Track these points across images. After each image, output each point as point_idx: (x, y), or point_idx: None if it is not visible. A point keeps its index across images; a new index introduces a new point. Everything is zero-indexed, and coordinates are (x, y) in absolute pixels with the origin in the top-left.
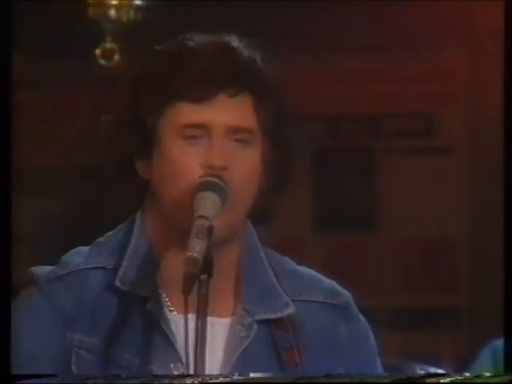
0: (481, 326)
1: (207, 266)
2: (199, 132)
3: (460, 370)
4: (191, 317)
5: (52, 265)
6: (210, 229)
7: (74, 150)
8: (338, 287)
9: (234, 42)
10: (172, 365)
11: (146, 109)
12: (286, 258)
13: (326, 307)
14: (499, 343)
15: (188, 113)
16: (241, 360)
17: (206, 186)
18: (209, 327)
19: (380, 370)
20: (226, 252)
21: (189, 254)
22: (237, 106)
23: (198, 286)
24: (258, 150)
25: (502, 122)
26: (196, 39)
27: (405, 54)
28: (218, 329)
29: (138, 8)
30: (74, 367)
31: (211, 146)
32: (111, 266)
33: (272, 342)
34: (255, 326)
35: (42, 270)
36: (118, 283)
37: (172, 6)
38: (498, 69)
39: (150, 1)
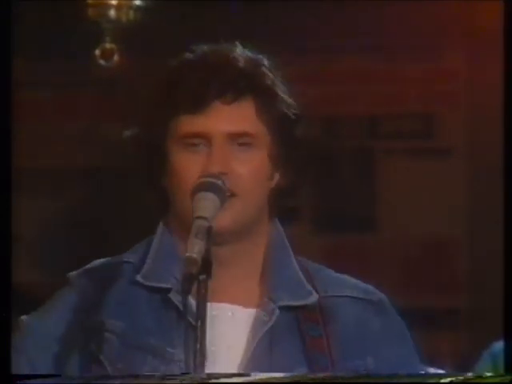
0: (481, 327)
1: (206, 266)
2: (199, 140)
3: (460, 370)
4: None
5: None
6: (209, 229)
7: (74, 150)
8: (372, 288)
9: (234, 49)
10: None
11: (153, 123)
12: (323, 266)
13: (358, 302)
14: (500, 346)
15: (186, 123)
16: (263, 344)
17: (205, 187)
18: (229, 315)
19: (418, 367)
20: (244, 247)
21: (187, 254)
22: (235, 111)
23: (198, 287)
24: (264, 149)
25: (501, 122)
26: (197, 51)
27: (405, 54)
28: (241, 317)
29: (138, 8)
30: (94, 348)
31: (210, 153)
32: (136, 262)
33: (298, 330)
34: (277, 311)
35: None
36: (140, 278)
37: (172, 7)
38: (498, 69)
39: (150, 1)
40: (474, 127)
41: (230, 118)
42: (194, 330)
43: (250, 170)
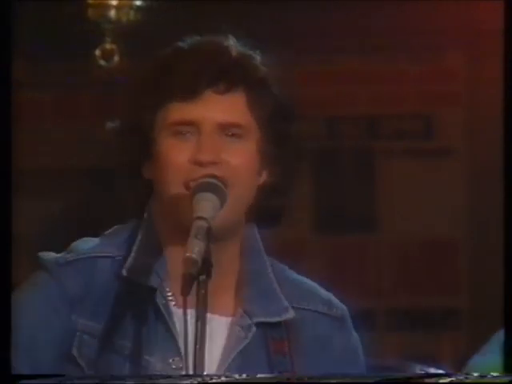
0: (481, 327)
1: (206, 266)
2: (189, 129)
3: (460, 370)
4: (192, 313)
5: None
6: (209, 230)
7: (75, 151)
8: (335, 300)
9: (227, 40)
10: (171, 359)
11: (142, 111)
12: (286, 267)
13: (323, 317)
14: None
15: (177, 111)
16: (237, 360)
17: (205, 187)
18: (207, 323)
19: None
20: (225, 250)
21: (187, 254)
22: (227, 101)
23: (197, 287)
24: (254, 143)
25: (501, 122)
26: (190, 41)
27: (404, 54)
28: (217, 327)
29: (138, 9)
30: (75, 351)
31: (200, 141)
32: (119, 257)
33: (266, 346)
34: (253, 329)
35: (52, 255)
36: (124, 272)
37: (172, 7)
38: (498, 69)
39: (150, 1)
40: (473, 127)
41: (222, 107)
42: (194, 329)
43: (241, 162)
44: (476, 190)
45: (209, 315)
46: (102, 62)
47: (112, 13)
